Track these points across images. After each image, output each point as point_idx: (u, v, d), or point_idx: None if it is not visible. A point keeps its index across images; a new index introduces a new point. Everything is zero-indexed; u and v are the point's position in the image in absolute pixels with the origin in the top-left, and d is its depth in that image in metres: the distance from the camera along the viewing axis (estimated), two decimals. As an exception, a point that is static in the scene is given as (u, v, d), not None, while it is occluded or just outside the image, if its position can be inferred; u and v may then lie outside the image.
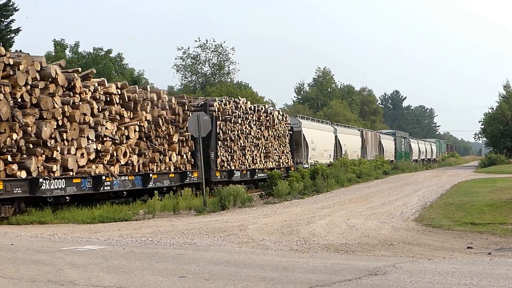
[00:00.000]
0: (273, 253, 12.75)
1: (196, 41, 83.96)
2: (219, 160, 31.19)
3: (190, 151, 29.31)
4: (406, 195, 28.08)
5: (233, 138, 32.80)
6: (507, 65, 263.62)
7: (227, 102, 32.65)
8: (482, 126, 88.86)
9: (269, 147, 37.92)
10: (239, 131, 33.62)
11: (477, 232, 15.54)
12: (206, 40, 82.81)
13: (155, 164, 26.41)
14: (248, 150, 34.77)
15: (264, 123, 37.42)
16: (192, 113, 27.79)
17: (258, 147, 36.31)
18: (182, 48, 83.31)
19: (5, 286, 9.22)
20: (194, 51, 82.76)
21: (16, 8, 47.83)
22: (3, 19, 47.62)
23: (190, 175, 28.59)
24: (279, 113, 40.80)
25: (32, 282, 9.50)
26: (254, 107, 36.54)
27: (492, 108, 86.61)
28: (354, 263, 11.15)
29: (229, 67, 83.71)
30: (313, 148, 46.25)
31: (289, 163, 41.30)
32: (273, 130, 38.81)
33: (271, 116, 38.67)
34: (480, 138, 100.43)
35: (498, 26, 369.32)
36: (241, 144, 33.81)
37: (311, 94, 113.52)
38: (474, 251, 13.13)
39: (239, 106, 33.93)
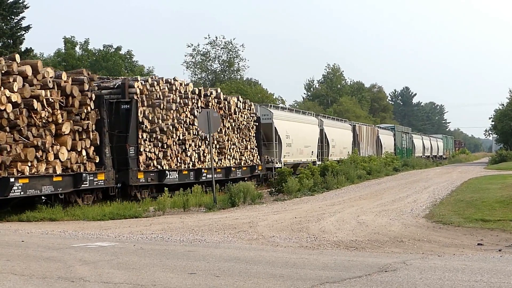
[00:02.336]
0: (283, 250, 12.76)
1: (206, 38, 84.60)
2: (142, 157, 24.73)
3: (94, 145, 22.41)
4: (416, 192, 28.01)
5: (165, 129, 26.04)
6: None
7: (155, 83, 25.86)
8: (493, 123, 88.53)
9: (224, 141, 31.39)
10: (176, 120, 26.97)
11: (487, 229, 15.50)
12: (216, 37, 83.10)
13: (28, 164, 19.38)
14: (190, 145, 28.26)
15: (216, 110, 29.88)
16: (95, 94, 22.74)
17: (206, 141, 29.33)
18: (192, 45, 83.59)
19: (16, 283, 9.26)
20: (204, 48, 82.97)
21: (26, 6, 47.93)
22: (13, 17, 47.70)
23: (91, 177, 21.77)
24: (239, 100, 33.84)
25: (42, 279, 9.53)
26: (199, 90, 29.85)
27: (503, 105, 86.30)
28: (364, 260, 11.14)
29: (238, 64, 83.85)
30: (289, 143, 39.33)
31: (254, 161, 34.89)
32: (231, 121, 32.47)
33: (226, 103, 31.96)
34: (491, 135, 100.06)
35: (508, 22, 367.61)
36: (179, 137, 27.18)
37: (321, 91, 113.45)
38: (484, 247, 13.10)
39: (174, 89, 27.22)
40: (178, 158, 27.21)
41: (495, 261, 11.07)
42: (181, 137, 27.38)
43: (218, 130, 29.91)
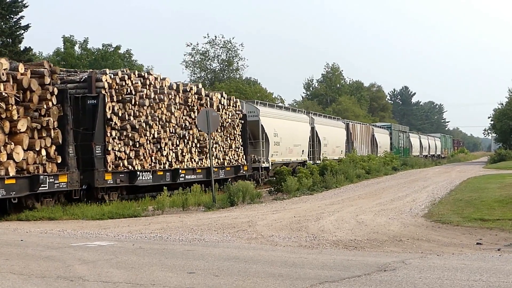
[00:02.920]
0: (282, 249, 12.76)
1: (205, 37, 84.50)
2: (111, 157, 22.97)
3: (55, 144, 20.65)
4: (415, 191, 28.03)
5: (137, 127, 24.26)
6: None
7: (126, 77, 24.05)
8: (492, 122, 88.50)
9: (205, 139, 28.83)
10: (150, 117, 25.12)
11: (486, 228, 15.51)
12: (215, 36, 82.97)
13: None
14: (167, 144, 26.34)
15: (197, 107, 28.57)
16: (57, 89, 21.21)
17: (186, 140, 27.72)
18: (191, 44, 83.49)
19: (15, 282, 9.26)
20: (203, 47, 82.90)
21: (26, 5, 47.91)
22: (12, 16, 47.69)
23: (51, 180, 20.08)
24: (222, 96, 31.77)
25: (42, 278, 9.53)
26: (178, 85, 27.73)
27: (502, 104, 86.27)
28: (363, 259, 11.15)
29: (238, 63, 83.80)
30: (277, 142, 37.36)
31: (239, 161, 32.76)
32: None
33: (208, 99, 29.85)
34: (490, 134, 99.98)
35: (508, 20, 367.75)
36: (153, 135, 25.32)
37: (320, 90, 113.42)
38: (483, 247, 13.11)
39: (148, 83, 25.29)
40: (153, 158, 25.33)
41: (494, 260, 11.08)
42: (156, 135, 25.48)
43: (199, 128, 26.93)
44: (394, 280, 9.21)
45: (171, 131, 26.67)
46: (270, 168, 35.80)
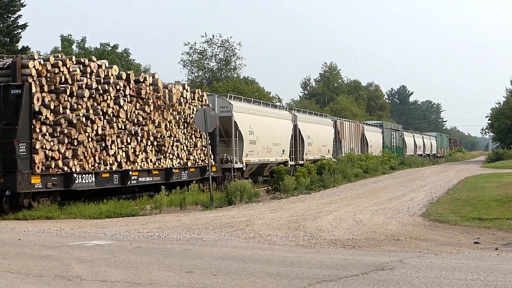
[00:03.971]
0: (280, 248, 12.76)
1: (203, 36, 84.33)
2: (39, 157, 19.69)
3: None
4: (413, 190, 28.04)
5: (75, 122, 20.93)
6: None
7: (60, 63, 20.79)
8: (489, 121, 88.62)
9: (164, 137, 25.95)
10: (92, 111, 21.85)
11: (484, 228, 15.53)
12: (213, 36, 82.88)
13: None
14: (114, 141, 22.88)
15: (152, 100, 25.30)
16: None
17: (139, 137, 24.28)
18: (189, 43, 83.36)
19: (12, 281, 9.26)
20: (200, 46, 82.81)
21: (23, 4, 47.88)
22: (10, 15, 47.65)
23: None
24: (185, 88, 28.20)
25: (39, 277, 9.52)
26: (128, 75, 24.35)
27: (499, 103, 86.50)
28: (361, 259, 11.15)
29: (235, 62, 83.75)
30: (252, 140, 33.76)
31: (207, 161, 27.38)
32: (174, 113, 26.85)
33: (166, 92, 26.29)
34: (487, 133, 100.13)
35: (505, 21, 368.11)
36: (96, 131, 21.99)
37: (318, 90, 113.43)
38: (481, 246, 13.12)
39: (89, 71, 21.97)
40: (96, 158, 21.96)
41: (491, 259, 11.09)
42: (100, 132, 22.13)
43: (156, 124, 25.42)
44: (391, 279, 9.21)
45: (119, 127, 23.26)
46: (244, 169, 32.79)
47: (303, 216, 18.42)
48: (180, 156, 27.27)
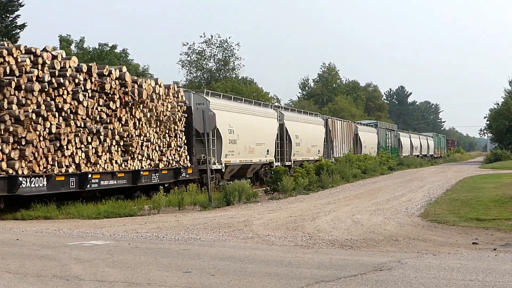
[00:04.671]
0: (278, 248, 12.75)
1: (201, 36, 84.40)
2: None
3: None
4: (411, 191, 28.05)
5: (22, 119, 18.82)
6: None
7: (5, 52, 18.84)
8: (488, 122, 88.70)
9: (132, 136, 23.80)
10: (45, 106, 19.65)
11: (482, 228, 15.53)
12: (211, 36, 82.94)
13: None
14: (71, 141, 20.65)
15: (119, 96, 23.10)
16: None
17: (102, 136, 22.13)
18: (187, 43, 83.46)
19: (10, 281, 9.24)
20: (199, 46, 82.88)
21: (22, 4, 47.89)
22: (8, 15, 47.67)
23: None
24: (157, 84, 25.90)
25: (37, 277, 9.51)
26: (89, 67, 22.00)
27: (498, 104, 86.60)
28: (359, 259, 11.15)
29: (234, 62, 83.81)
30: (232, 140, 31.73)
31: (182, 162, 27.31)
32: (145, 111, 24.67)
33: (136, 87, 24.03)
34: (486, 134, 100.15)
35: (504, 21, 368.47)
36: (49, 129, 19.80)
37: (316, 90, 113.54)
38: (479, 246, 13.12)
39: (41, 62, 19.91)
40: (49, 159, 19.74)
41: (490, 260, 11.09)
42: (54, 130, 19.95)
43: (123, 122, 23.39)
44: (390, 279, 9.21)
45: (78, 125, 21.16)
46: (223, 170, 30.74)
47: (302, 216, 18.42)
48: (151, 157, 25.15)
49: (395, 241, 13.85)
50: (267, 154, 36.27)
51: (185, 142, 27.72)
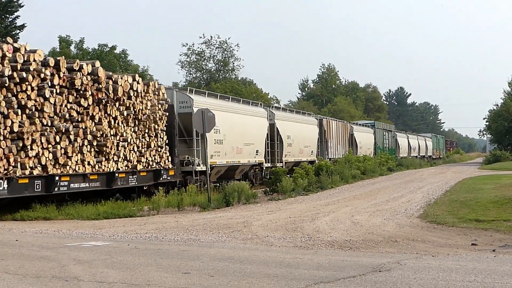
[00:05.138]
0: (277, 249, 12.76)
1: (201, 37, 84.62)
2: None
3: None
4: (410, 192, 28.05)
5: None
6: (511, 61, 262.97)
7: None
8: (487, 123, 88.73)
9: (107, 135, 22.46)
10: (5, 103, 18.47)
11: (481, 229, 15.53)
12: (211, 37, 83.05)
13: None
14: (35, 140, 19.21)
15: (91, 93, 21.59)
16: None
17: (71, 136, 20.60)
18: (187, 44, 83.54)
19: (10, 282, 9.24)
20: (198, 47, 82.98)
21: (21, 5, 47.91)
22: (8, 16, 47.71)
23: None
24: (135, 80, 24.28)
25: (36, 278, 9.52)
26: (57, 61, 20.56)
27: (497, 105, 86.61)
28: (358, 260, 11.15)
29: (233, 63, 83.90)
30: (219, 140, 30.32)
31: (163, 163, 25.88)
32: (121, 109, 23.29)
33: (110, 83, 22.54)
34: (485, 135, 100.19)
35: (503, 22, 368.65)
36: (11, 128, 18.59)
37: (316, 91, 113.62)
38: (478, 248, 13.13)
39: (1, 55, 18.66)
40: (10, 160, 18.40)
41: (489, 261, 11.09)
42: (16, 129, 18.68)
43: (97, 120, 22.01)
44: (389, 280, 9.22)
45: (45, 124, 19.74)
46: (210, 172, 27.89)
47: (301, 217, 18.43)
48: (128, 158, 23.63)
49: (394, 242, 13.86)
50: (256, 154, 34.99)
51: (167, 142, 26.45)
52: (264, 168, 35.68)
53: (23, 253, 12.05)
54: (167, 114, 26.41)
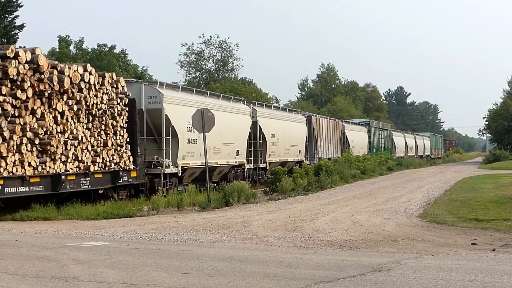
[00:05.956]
0: (277, 249, 12.76)
1: (200, 37, 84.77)
2: None
3: None
4: (410, 191, 28.05)
5: None
6: (511, 60, 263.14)
7: None
8: (487, 122, 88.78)
9: (52, 133, 19.79)
10: None
11: (481, 229, 15.54)
12: (210, 36, 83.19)
13: None
14: None
15: (31, 84, 18.98)
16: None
17: (4, 133, 18.03)
18: (186, 44, 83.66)
19: (9, 282, 9.24)
20: (198, 47, 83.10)
21: (20, 4, 47.89)
22: (7, 15, 47.67)
23: None
24: (86, 70, 21.37)
25: (36, 278, 9.51)
26: None
27: (497, 104, 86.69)
28: (358, 260, 11.15)
29: (233, 63, 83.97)
30: (192, 139, 27.70)
31: (123, 164, 23.11)
32: (70, 102, 20.52)
33: (54, 73, 19.66)
34: (485, 134, 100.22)
35: (502, 21, 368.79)
36: None
37: (315, 90, 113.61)
38: (478, 247, 13.13)
39: None
40: None
41: (489, 260, 11.09)
42: None
43: (39, 115, 19.40)
44: (389, 280, 9.21)
45: None
46: (183, 174, 27.15)
47: (301, 217, 18.42)
48: (79, 159, 20.97)
49: (394, 241, 13.86)
50: (237, 155, 32.35)
51: (128, 140, 23.70)
52: (246, 169, 33.60)
53: (22, 253, 12.04)
54: (127, 109, 23.73)
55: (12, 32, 47.58)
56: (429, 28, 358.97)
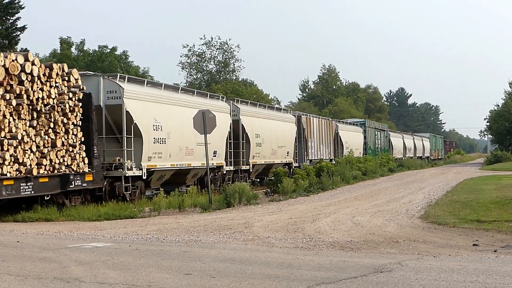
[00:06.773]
0: (278, 250, 12.76)
1: (202, 38, 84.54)
2: None
3: None
4: (411, 193, 28.04)
5: None
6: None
7: None
8: (488, 123, 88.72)
9: None
10: None
11: (483, 230, 15.53)
12: (212, 38, 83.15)
13: None
14: None
15: None
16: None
17: None
18: (188, 45, 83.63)
19: (11, 283, 9.25)
20: (199, 48, 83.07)
21: (22, 6, 47.90)
22: (8, 17, 47.67)
23: None
24: (28, 59, 19.11)
25: (38, 279, 9.52)
26: None
27: (498, 105, 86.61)
28: (359, 261, 11.15)
29: (234, 64, 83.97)
30: (160, 139, 25.31)
31: (75, 167, 20.79)
32: (8, 96, 18.30)
33: None
34: (486, 135, 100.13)
35: (505, 22, 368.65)
36: None
37: (316, 92, 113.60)
38: (480, 248, 13.12)
39: None
40: None
41: (490, 261, 11.09)
42: None
43: None
44: (390, 281, 9.21)
45: None
46: (150, 177, 25.02)
47: (302, 218, 18.42)
48: (21, 161, 18.56)
49: (395, 242, 13.85)
50: (214, 156, 29.82)
51: (83, 140, 21.51)
52: (225, 172, 31.34)
53: (24, 254, 12.06)
54: (82, 105, 21.41)
55: (14, 34, 47.55)
56: (431, 29, 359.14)
